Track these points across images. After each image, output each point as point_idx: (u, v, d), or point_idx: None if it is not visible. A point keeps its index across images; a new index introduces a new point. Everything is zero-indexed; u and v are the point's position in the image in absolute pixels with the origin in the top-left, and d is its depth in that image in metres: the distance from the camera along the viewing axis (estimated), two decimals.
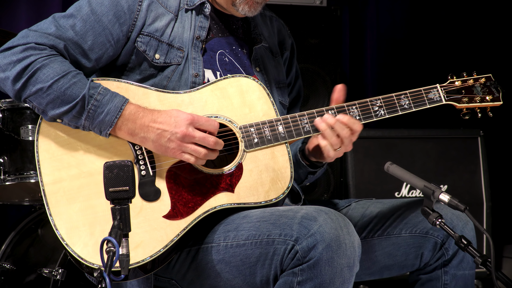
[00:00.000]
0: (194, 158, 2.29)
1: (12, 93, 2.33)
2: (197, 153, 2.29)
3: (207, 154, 2.30)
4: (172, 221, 2.30)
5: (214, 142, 2.30)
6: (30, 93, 2.30)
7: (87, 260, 2.23)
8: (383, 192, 4.30)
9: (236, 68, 2.62)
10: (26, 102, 2.33)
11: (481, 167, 4.42)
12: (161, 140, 2.28)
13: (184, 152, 2.29)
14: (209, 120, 2.33)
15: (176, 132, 2.27)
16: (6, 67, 2.31)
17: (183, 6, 2.56)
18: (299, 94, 2.89)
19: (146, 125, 2.29)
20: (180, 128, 2.28)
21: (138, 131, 2.30)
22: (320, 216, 2.19)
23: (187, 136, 2.28)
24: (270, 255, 2.24)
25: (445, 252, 2.53)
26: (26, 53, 2.31)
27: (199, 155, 2.29)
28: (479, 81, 2.59)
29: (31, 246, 3.55)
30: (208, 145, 2.29)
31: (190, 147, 2.28)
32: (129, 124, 2.30)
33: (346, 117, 2.42)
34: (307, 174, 2.63)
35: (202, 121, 2.31)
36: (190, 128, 2.28)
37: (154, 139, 2.29)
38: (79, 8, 2.43)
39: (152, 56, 2.49)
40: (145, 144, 2.32)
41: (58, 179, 2.31)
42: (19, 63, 2.30)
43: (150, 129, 2.29)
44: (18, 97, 2.33)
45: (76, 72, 2.33)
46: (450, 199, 2.27)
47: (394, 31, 5.16)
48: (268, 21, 2.79)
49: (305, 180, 2.68)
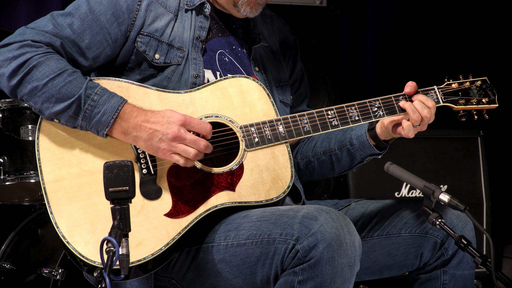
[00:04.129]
0: (184, 159, 2.28)
1: (7, 89, 2.33)
2: (186, 153, 2.27)
3: (196, 155, 2.28)
4: (174, 220, 2.30)
5: (205, 146, 2.29)
6: (25, 92, 2.30)
7: (89, 258, 2.23)
8: (383, 192, 4.31)
9: (236, 67, 2.62)
10: (23, 100, 2.33)
11: (481, 167, 4.42)
12: (153, 140, 2.28)
13: (174, 153, 2.28)
14: (201, 123, 2.31)
15: (167, 133, 2.27)
16: (1, 64, 2.31)
17: (183, 6, 2.56)
18: (306, 91, 2.90)
19: (138, 125, 2.29)
20: (172, 129, 2.27)
21: (130, 130, 2.30)
22: (321, 215, 2.19)
23: (177, 137, 2.27)
24: (270, 254, 2.24)
25: (445, 252, 2.53)
26: (22, 50, 2.31)
27: (188, 155, 2.27)
28: (476, 83, 2.60)
29: (31, 246, 3.56)
30: (198, 149, 2.28)
31: (180, 147, 2.28)
32: (123, 123, 2.30)
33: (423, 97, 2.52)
34: (367, 156, 2.64)
35: (194, 123, 2.30)
36: (182, 130, 2.28)
37: (145, 139, 2.29)
38: (78, 6, 2.43)
39: (152, 56, 2.49)
40: (137, 143, 2.31)
41: (59, 177, 2.31)
42: (15, 60, 2.30)
43: (142, 128, 2.29)
44: (14, 94, 2.33)
45: (72, 70, 2.32)
46: (450, 199, 2.27)
47: (394, 31, 5.16)
48: (269, 20, 2.79)
49: (358, 164, 2.69)
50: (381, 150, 2.62)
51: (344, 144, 2.66)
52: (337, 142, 2.68)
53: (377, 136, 2.58)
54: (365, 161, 2.67)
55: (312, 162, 2.76)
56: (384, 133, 2.57)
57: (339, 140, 2.68)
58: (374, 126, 2.58)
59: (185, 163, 2.29)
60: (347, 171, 2.76)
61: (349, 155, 2.66)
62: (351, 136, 2.64)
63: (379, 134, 2.57)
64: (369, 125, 2.59)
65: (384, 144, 2.60)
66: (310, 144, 2.78)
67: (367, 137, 2.59)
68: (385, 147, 2.61)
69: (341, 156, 2.68)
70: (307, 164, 2.77)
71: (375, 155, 2.62)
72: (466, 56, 5.08)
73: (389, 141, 2.60)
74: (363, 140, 2.60)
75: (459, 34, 5.13)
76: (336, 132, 2.70)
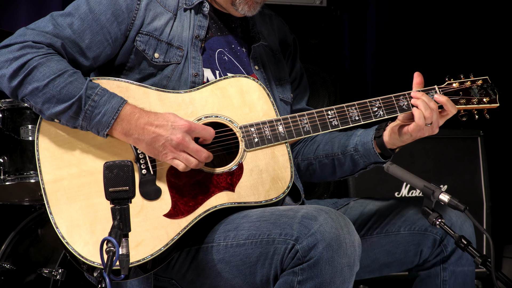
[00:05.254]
0: (184, 165, 2.29)
1: (8, 90, 2.33)
2: (188, 162, 2.29)
3: (197, 164, 2.30)
4: (173, 220, 2.30)
5: (205, 157, 2.30)
6: (26, 92, 2.30)
7: (88, 259, 2.23)
8: (383, 192, 4.30)
9: (236, 66, 2.62)
10: (24, 101, 2.33)
11: (481, 167, 4.42)
12: (155, 144, 2.28)
13: (175, 158, 2.29)
14: (205, 129, 2.32)
15: (171, 139, 2.28)
16: (2, 65, 2.31)
17: (181, 5, 2.56)
18: (306, 90, 2.90)
19: (141, 127, 2.29)
20: (177, 135, 2.28)
21: (132, 132, 2.30)
22: (321, 215, 2.19)
23: (181, 144, 2.28)
24: (270, 254, 2.24)
25: (444, 249, 2.54)
26: (23, 51, 2.31)
27: (189, 164, 2.29)
28: (476, 83, 2.60)
29: (31, 246, 3.56)
30: (199, 159, 2.29)
31: (183, 156, 2.29)
32: (124, 124, 2.30)
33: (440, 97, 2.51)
34: (371, 164, 2.62)
35: (199, 129, 2.31)
36: (187, 138, 2.28)
37: (148, 142, 2.29)
38: (77, 6, 2.44)
39: (152, 55, 2.49)
40: (138, 145, 2.32)
41: (58, 177, 2.31)
42: (16, 61, 2.30)
43: (145, 131, 2.29)
44: (15, 95, 2.33)
45: (73, 71, 2.33)
46: (450, 199, 2.27)
47: (394, 31, 5.16)
48: (268, 19, 2.80)
49: (360, 171, 2.68)
50: (386, 158, 2.61)
51: (348, 149, 2.65)
52: (340, 147, 2.68)
53: (384, 144, 2.57)
54: (368, 168, 2.66)
55: (313, 164, 2.76)
56: (392, 140, 2.55)
57: (343, 145, 2.67)
58: (381, 134, 2.57)
59: (184, 169, 2.30)
60: (348, 176, 2.75)
61: (352, 161, 2.65)
62: (356, 142, 2.63)
63: (387, 142, 2.56)
64: (375, 132, 2.59)
65: (390, 153, 2.59)
66: (312, 146, 2.77)
67: (373, 145, 2.58)
68: (390, 155, 2.60)
69: (344, 161, 2.67)
70: (307, 166, 2.77)
71: (379, 163, 2.62)
72: (466, 55, 5.08)
73: (395, 149, 2.60)
74: (369, 148, 2.59)
75: (460, 33, 5.13)
76: (340, 136, 2.70)
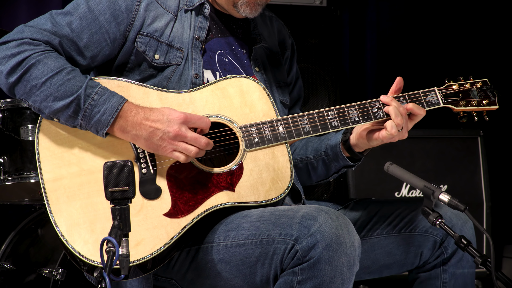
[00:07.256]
0: (184, 156, 2.29)
1: (5, 87, 2.33)
2: (187, 151, 2.29)
3: (197, 152, 2.29)
4: (173, 219, 2.30)
5: (205, 143, 2.30)
6: (24, 91, 2.30)
7: (88, 258, 2.23)
8: (383, 192, 4.30)
9: (236, 68, 2.62)
10: (22, 100, 2.33)
11: (481, 167, 4.42)
12: (153, 138, 2.29)
13: (175, 150, 2.29)
14: (201, 118, 2.33)
15: (168, 131, 2.28)
16: (0, 62, 2.31)
17: (182, 6, 2.56)
18: (299, 94, 2.89)
19: (138, 123, 2.30)
20: (173, 127, 2.28)
21: (130, 129, 2.30)
22: (320, 215, 2.19)
23: (179, 135, 2.28)
24: (270, 254, 2.24)
25: (444, 251, 2.54)
26: (21, 48, 2.31)
27: (189, 153, 2.29)
28: (476, 85, 2.60)
29: (31, 246, 3.55)
30: (199, 146, 2.29)
31: (182, 146, 2.28)
32: (121, 121, 2.30)
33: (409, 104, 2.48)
34: (342, 168, 2.62)
35: (194, 119, 2.31)
36: (183, 128, 2.28)
37: (146, 137, 2.29)
38: (77, 6, 2.44)
39: (152, 57, 2.49)
40: (136, 141, 2.32)
41: (58, 176, 2.31)
42: (13, 58, 2.30)
43: (142, 127, 2.29)
44: (12, 92, 2.33)
45: (71, 69, 2.33)
46: (450, 199, 2.27)
47: (394, 31, 5.16)
48: (268, 21, 2.80)
49: (334, 175, 2.67)
50: (355, 162, 2.60)
51: (319, 154, 2.64)
52: (313, 151, 2.67)
53: (351, 147, 2.56)
54: (340, 172, 2.65)
55: None
56: (360, 144, 2.54)
57: (315, 149, 2.66)
58: (348, 137, 2.56)
59: (186, 159, 2.30)
60: (324, 181, 2.74)
61: (324, 165, 2.64)
62: (326, 146, 2.62)
63: (354, 144, 2.55)
64: (342, 136, 2.57)
65: (359, 155, 2.58)
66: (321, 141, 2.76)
67: (341, 148, 2.57)
68: (359, 158, 2.59)
69: (317, 165, 2.66)
70: None
71: (349, 167, 2.61)
72: (466, 57, 5.08)
73: (364, 152, 2.58)
74: (337, 152, 2.58)
75: (460, 35, 5.13)
76: (314, 141, 2.69)
